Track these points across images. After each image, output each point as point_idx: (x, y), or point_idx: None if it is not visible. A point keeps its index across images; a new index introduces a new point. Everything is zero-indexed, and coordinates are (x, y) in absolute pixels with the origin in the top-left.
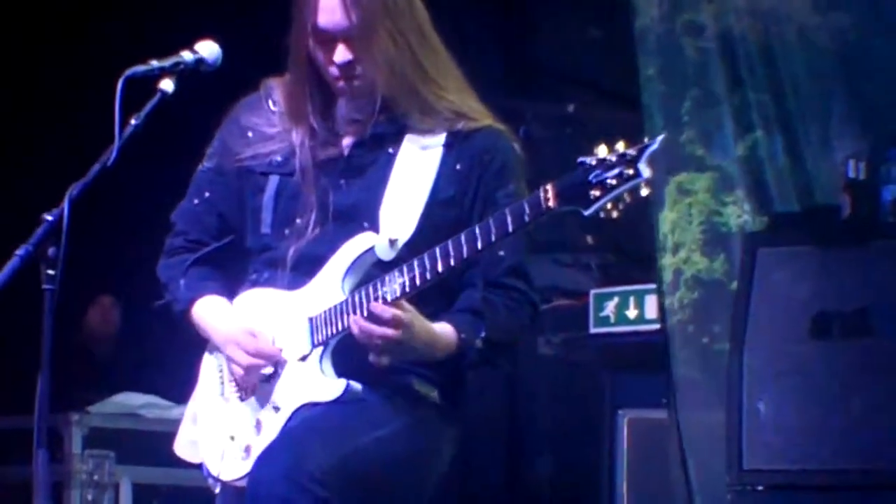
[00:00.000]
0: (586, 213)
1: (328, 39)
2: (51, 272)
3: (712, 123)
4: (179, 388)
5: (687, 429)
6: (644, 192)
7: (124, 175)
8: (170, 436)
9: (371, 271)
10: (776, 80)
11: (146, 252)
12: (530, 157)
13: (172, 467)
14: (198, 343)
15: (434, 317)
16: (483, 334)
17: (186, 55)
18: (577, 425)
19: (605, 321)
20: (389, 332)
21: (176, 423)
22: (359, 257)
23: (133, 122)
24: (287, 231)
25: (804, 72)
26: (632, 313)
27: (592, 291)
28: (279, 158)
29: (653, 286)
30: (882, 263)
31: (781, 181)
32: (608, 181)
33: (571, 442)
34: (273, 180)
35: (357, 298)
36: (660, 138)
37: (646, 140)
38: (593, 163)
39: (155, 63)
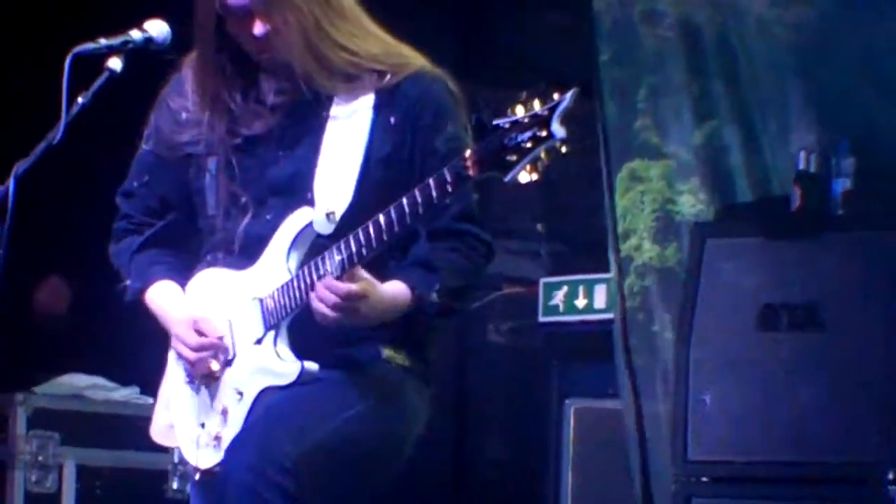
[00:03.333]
0: (506, 178)
1: (242, 15)
2: None
3: (670, 111)
4: (127, 369)
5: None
6: (563, 150)
7: (76, 153)
8: (115, 417)
9: (317, 243)
10: (734, 70)
11: (96, 231)
12: (483, 137)
13: (117, 449)
14: (145, 324)
15: (387, 271)
16: (437, 286)
17: (135, 34)
18: (524, 413)
19: (553, 310)
20: (343, 310)
21: (121, 405)
22: (298, 234)
23: (80, 100)
24: (233, 211)
25: (762, 63)
26: (581, 303)
27: (542, 280)
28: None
29: (602, 276)
30: (831, 256)
31: (738, 172)
32: (523, 144)
33: (519, 430)
34: (212, 161)
35: (302, 276)
36: (569, 94)
37: (555, 97)
38: (507, 126)
39: (103, 41)
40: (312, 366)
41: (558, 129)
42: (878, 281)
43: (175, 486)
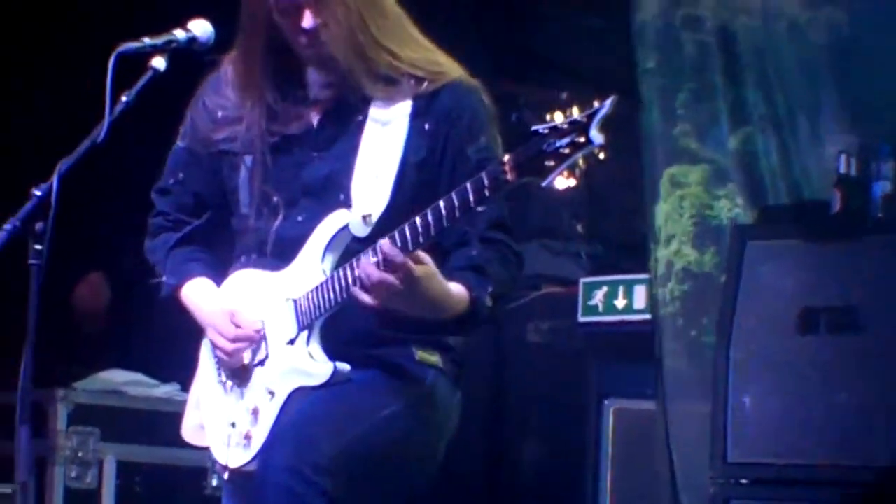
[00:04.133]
0: (543, 183)
1: (293, 8)
2: (38, 247)
3: (707, 116)
4: (166, 367)
5: (673, 420)
6: (601, 156)
7: (116, 151)
8: (155, 413)
9: (351, 246)
10: (767, 75)
11: (137, 229)
12: (522, 143)
13: (157, 446)
14: (185, 322)
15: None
16: (490, 290)
17: (179, 33)
18: (563, 413)
19: (593, 310)
20: (392, 279)
21: (161, 401)
22: (334, 236)
23: (124, 98)
24: (265, 210)
25: (795, 67)
26: (620, 303)
27: (582, 280)
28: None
29: (641, 276)
30: (872, 259)
31: (774, 176)
32: (561, 150)
33: (557, 429)
34: (247, 159)
35: (337, 277)
36: (608, 102)
37: (595, 104)
38: (546, 132)
39: (147, 40)
40: (344, 366)
41: (597, 136)
42: None
43: (214, 483)
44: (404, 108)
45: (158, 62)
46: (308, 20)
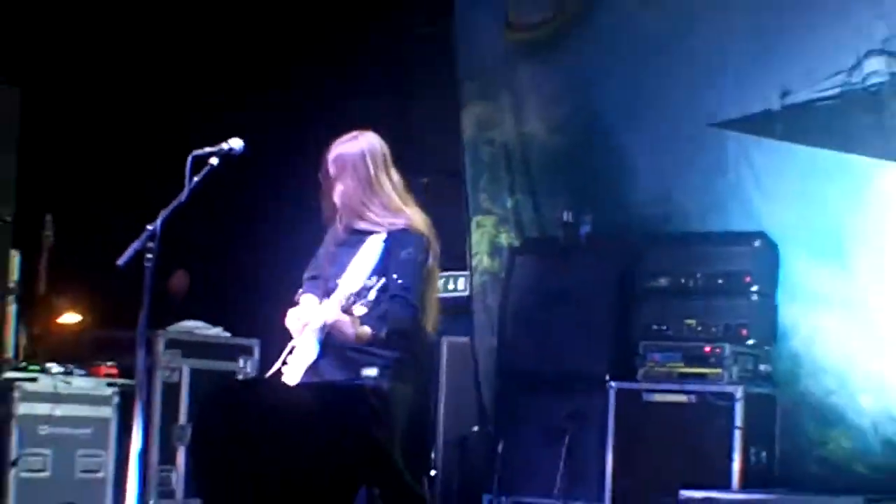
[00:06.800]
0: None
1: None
2: (150, 256)
3: (496, 190)
4: (218, 317)
5: (479, 349)
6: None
7: (195, 210)
8: (209, 344)
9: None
10: (529, 168)
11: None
12: None
13: (209, 359)
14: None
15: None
16: (385, 331)
17: (224, 145)
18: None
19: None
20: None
21: (212, 336)
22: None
23: (195, 179)
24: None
25: (542, 164)
26: (451, 286)
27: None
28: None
29: (464, 273)
30: (579, 266)
31: (531, 221)
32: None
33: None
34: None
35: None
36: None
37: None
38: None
39: (208, 149)
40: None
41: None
42: (605, 275)
43: (239, 378)
44: (382, 237)
45: (214, 160)
46: (336, 191)
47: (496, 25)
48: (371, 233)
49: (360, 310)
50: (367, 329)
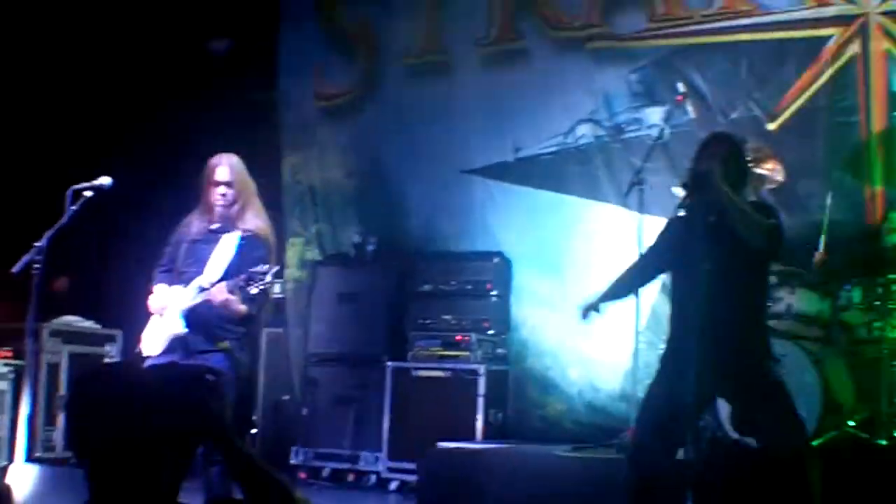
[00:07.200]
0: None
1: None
2: (37, 266)
3: (305, 219)
4: (92, 314)
5: (290, 334)
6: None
7: (82, 230)
8: (85, 332)
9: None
10: (328, 206)
11: (72, 253)
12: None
13: (82, 345)
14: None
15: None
16: (253, 310)
17: (96, 182)
18: None
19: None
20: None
21: (85, 327)
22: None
23: (73, 208)
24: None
25: (338, 200)
26: (278, 288)
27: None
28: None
29: (279, 280)
30: (365, 276)
31: (329, 242)
32: (256, 283)
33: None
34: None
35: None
36: (272, 272)
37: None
38: (258, 270)
39: (84, 184)
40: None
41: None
42: (385, 282)
43: (105, 360)
44: (237, 235)
45: (88, 193)
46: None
47: (307, 95)
48: (223, 232)
49: (255, 290)
50: (244, 307)
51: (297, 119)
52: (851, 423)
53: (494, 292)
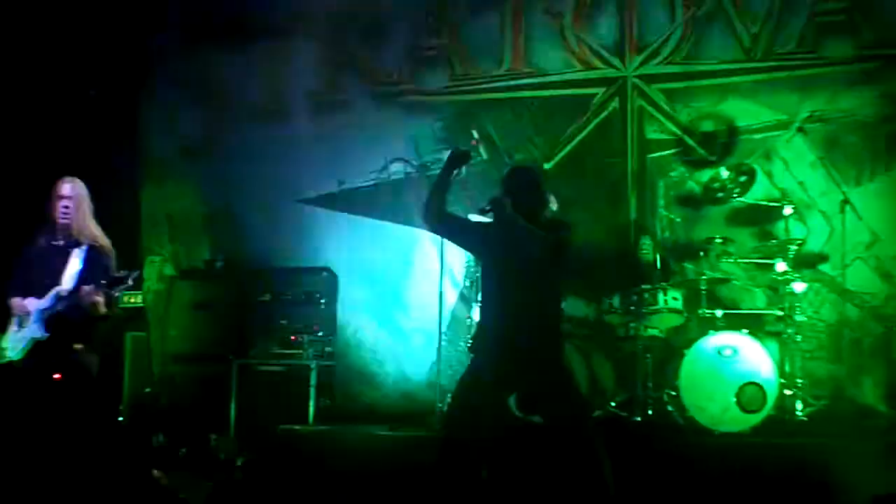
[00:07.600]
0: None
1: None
2: None
3: (162, 240)
4: None
5: (153, 341)
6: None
7: None
8: None
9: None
10: (185, 227)
11: None
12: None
13: None
14: None
15: None
16: (109, 311)
17: None
18: None
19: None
20: None
21: None
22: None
23: None
24: None
25: (192, 225)
26: (133, 300)
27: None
28: None
29: (139, 292)
30: (214, 288)
31: (184, 259)
32: (117, 287)
33: None
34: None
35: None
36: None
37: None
38: (122, 276)
39: None
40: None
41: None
42: (231, 293)
43: None
44: (85, 247)
45: None
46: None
47: (168, 138)
48: (71, 246)
49: (117, 293)
50: (105, 309)
51: (156, 154)
52: (613, 404)
53: (323, 300)
